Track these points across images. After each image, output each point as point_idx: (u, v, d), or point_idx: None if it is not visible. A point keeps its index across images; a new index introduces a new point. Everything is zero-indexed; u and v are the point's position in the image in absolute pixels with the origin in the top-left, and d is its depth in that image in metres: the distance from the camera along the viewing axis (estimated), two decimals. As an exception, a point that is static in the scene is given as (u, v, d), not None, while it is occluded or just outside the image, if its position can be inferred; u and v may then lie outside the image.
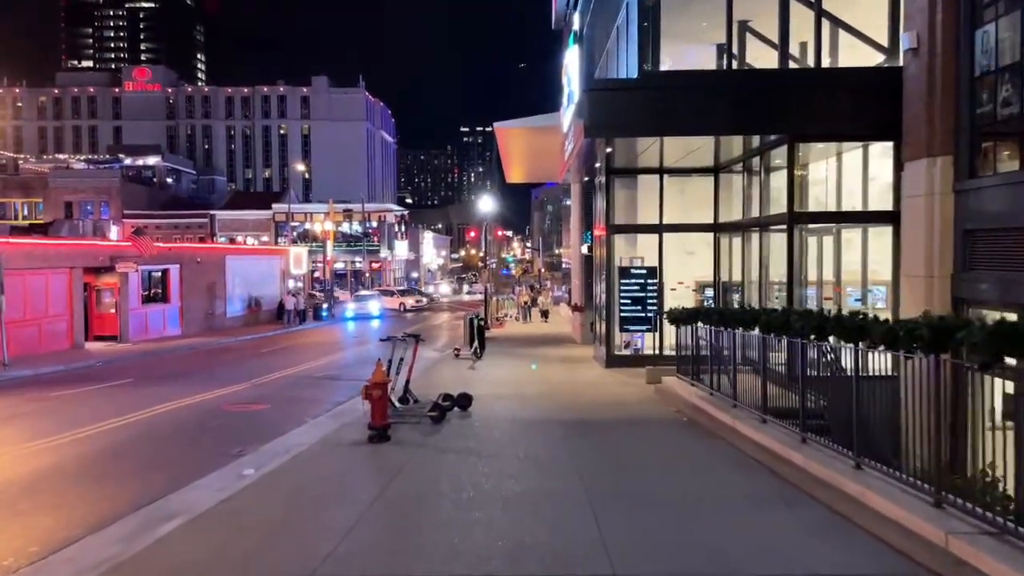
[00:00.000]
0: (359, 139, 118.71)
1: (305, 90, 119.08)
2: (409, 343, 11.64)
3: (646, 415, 11.39)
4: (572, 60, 18.91)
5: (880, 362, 6.48)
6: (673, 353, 15.97)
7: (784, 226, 13.66)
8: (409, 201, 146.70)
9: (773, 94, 13.11)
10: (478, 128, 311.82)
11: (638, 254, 19.23)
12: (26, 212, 72.00)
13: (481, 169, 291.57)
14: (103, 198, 75.45)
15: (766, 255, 14.88)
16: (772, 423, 8.59)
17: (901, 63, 11.32)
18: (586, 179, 20.97)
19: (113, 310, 28.58)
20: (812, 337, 7.35)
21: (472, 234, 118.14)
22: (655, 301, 18.06)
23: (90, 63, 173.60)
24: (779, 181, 14.55)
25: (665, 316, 13.31)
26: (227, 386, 16.12)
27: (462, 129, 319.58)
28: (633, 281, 18.14)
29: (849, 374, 6.83)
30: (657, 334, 17.82)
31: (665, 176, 18.09)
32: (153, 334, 30.15)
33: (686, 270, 18.78)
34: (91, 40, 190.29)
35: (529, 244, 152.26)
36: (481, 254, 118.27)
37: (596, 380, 15.86)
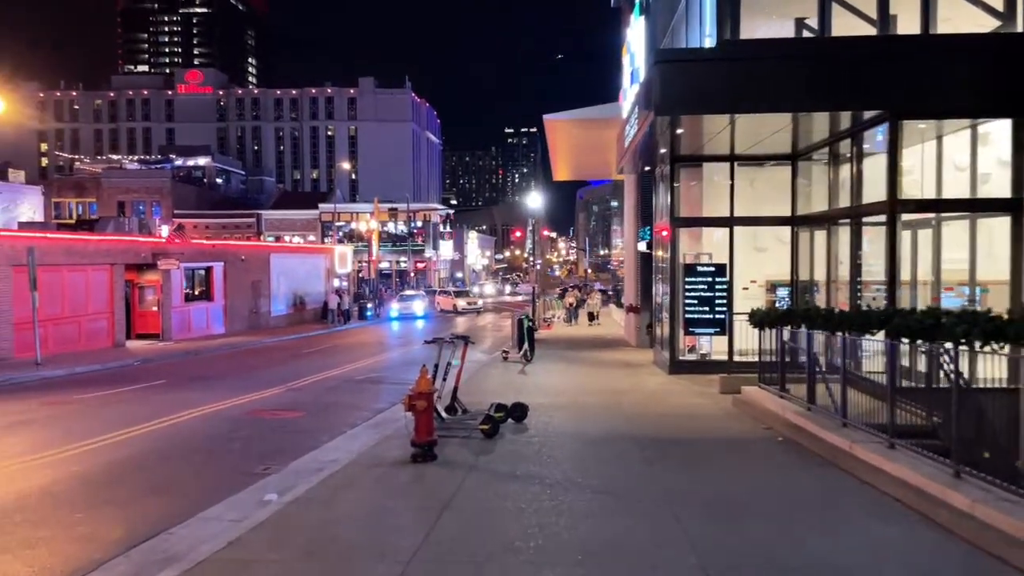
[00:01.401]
0: (405, 140, 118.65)
1: (352, 91, 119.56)
2: (458, 345, 10.31)
3: (732, 433, 9.84)
4: (637, 34, 17.25)
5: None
6: (745, 359, 14.41)
7: (882, 217, 11.96)
8: (454, 202, 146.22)
9: (873, 65, 11.41)
10: (523, 129, 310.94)
11: (704, 250, 17.65)
12: (80, 212, 73.20)
13: (525, 170, 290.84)
14: (154, 198, 76.42)
15: (857, 250, 13.15)
16: (903, 448, 7.00)
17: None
18: (647, 169, 19.40)
19: (155, 308, 28.01)
20: (979, 345, 5.76)
21: (517, 234, 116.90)
22: (724, 301, 16.45)
23: (145, 68, 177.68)
24: (875, 166, 12.83)
25: (748, 318, 11.72)
26: (263, 389, 15.05)
27: (507, 130, 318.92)
28: (700, 280, 16.56)
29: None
30: (726, 337, 16.22)
31: (736, 164, 16.46)
32: (196, 333, 29.55)
33: (755, 268, 17.08)
34: (146, 45, 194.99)
35: (574, 244, 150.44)
36: (526, 254, 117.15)
37: (662, 388, 14.33)
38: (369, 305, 44.88)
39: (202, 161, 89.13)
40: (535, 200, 37.24)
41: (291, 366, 20.17)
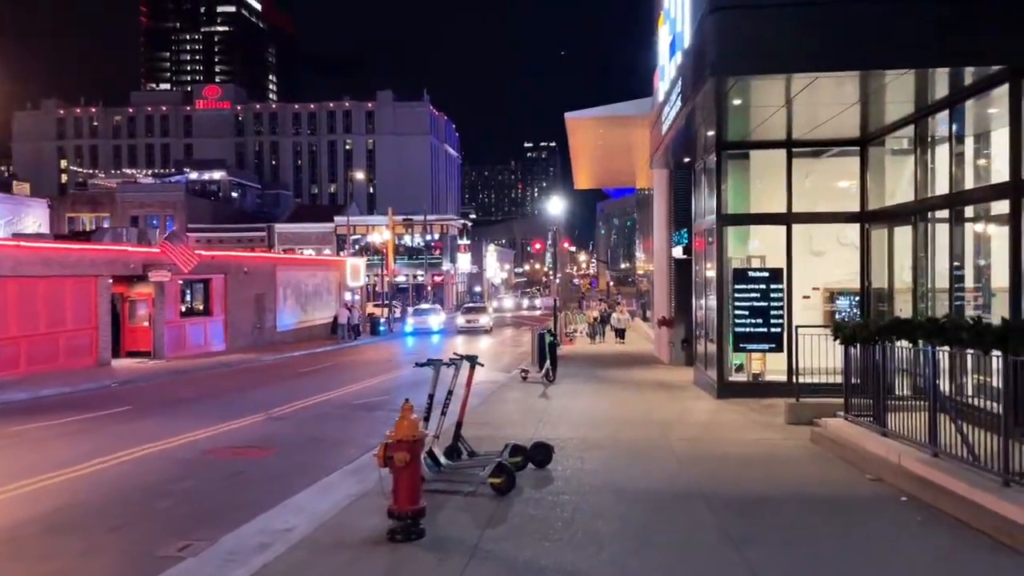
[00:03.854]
0: (423, 153, 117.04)
1: (370, 105, 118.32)
2: (461, 367, 7.92)
3: (832, 487, 7.30)
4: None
5: None
6: (810, 380, 11.83)
7: (1002, 204, 9.45)
8: (473, 216, 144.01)
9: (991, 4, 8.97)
10: (542, 143, 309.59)
11: (754, 253, 15.19)
12: (93, 226, 72.09)
13: (545, 184, 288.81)
14: (168, 212, 75.17)
15: (958, 249, 10.60)
16: None
17: None
18: (685, 160, 16.96)
19: (147, 323, 25.97)
20: None
21: (537, 246, 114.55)
22: (780, 312, 13.96)
23: (167, 86, 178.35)
24: (988, 143, 10.35)
25: (832, 332, 9.24)
26: (240, 418, 12.75)
27: (526, 144, 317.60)
28: (752, 287, 14.10)
29: None
30: (785, 354, 13.70)
31: (795, 151, 14.01)
32: (192, 350, 27.42)
33: (812, 274, 14.56)
34: (168, 64, 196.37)
35: (595, 257, 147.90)
36: (546, 268, 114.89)
37: (715, 417, 11.82)
38: (382, 320, 42.70)
39: (217, 175, 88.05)
40: (556, 206, 34.82)
41: (284, 387, 17.92)
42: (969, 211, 10.47)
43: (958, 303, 10.46)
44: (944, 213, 10.82)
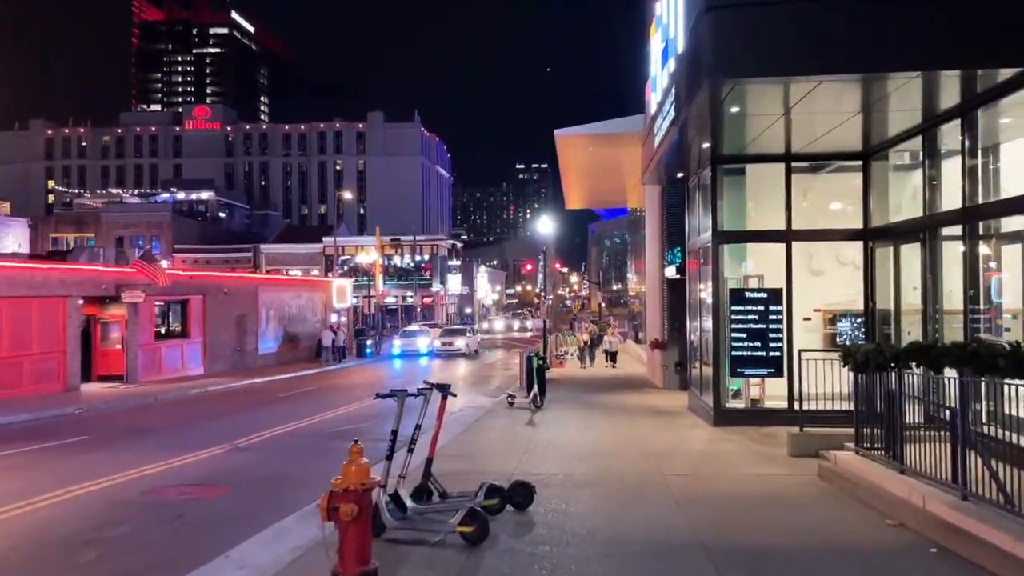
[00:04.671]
0: (414, 174, 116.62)
1: (361, 126, 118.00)
2: (431, 399, 7.06)
3: (849, 536, 6.44)
4: (672, -1, 13.85)
5: None
6: (813, 407, 11.00)
7: (1019, 218, 8.74)
8: (465, 237, 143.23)
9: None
10: (534, 165, 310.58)
11: (752, 273, 14.43)
12: (76, 246, 71.03)
13: (537, 206, 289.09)
14: (154, 232, 74.23)
15: (974, 267, 9.85)
16: None
17: None
18: (680, 175, 16.24)
19: (120, 346, 24.95)
20: None
21: (528, 267, 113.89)
22: (779, 335, 13.19)
23: (158, 107, 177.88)
24: (1003, 154, 9.65)
25: (842, 358, 8.43)
26: (200, 450, 11.80)
27: (518, 166, 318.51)
28: (750, 308, 13.33)
29: None
30: (785, 379, 12.91)
31: (794, 165, 13.32)
32: (168, 373, 26.39)
33: (811, 295, 13.80)
34: (160, 85, 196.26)
35: (587, 279, 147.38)
36: (538, 289, 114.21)
37: (713, 448, 10.96)
38: (369, 342, 41.67)
39: (205, 195, 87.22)
40: (546, 225, 34.09)
41: (256, 414, 16.95)
42: (989, 225, 9.73)
43: (974, 325, 9.69)
44: (956, 229, 10.09)
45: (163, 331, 27.66)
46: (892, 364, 7.42)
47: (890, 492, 7.12)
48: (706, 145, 12.63)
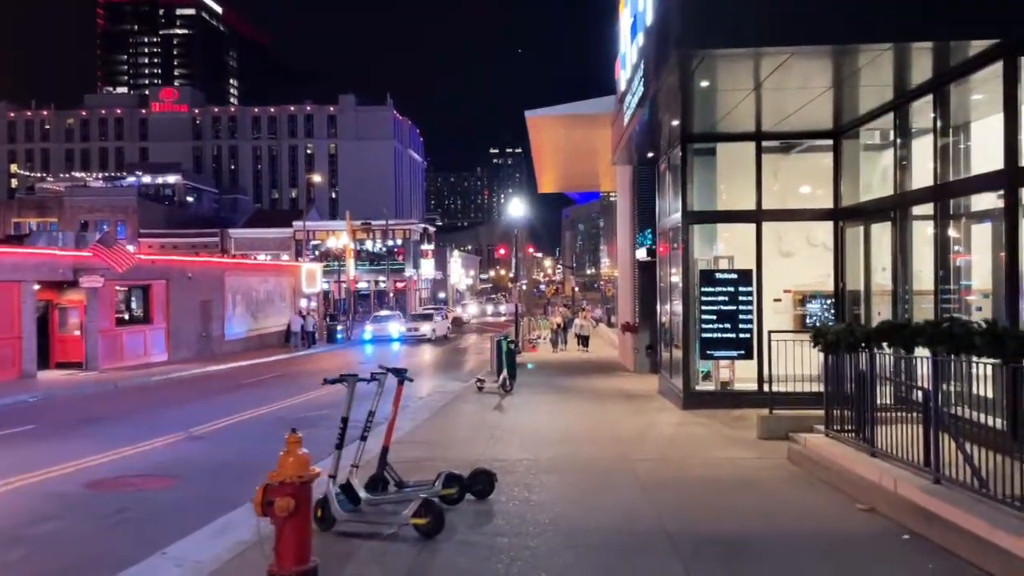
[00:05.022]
0: (387, 158, 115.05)
1: (332, 109, 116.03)
2: (384, 384, 6.71)
3: (819, 520, 6.24)
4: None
5: None
6: (783, 388, 10.86)
7: (991, 197, 8.59)
8: (439, 222, 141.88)
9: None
10: (508, 150, 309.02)
11: (722, 254, 14.25)
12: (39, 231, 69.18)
13: (511, 190, 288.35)
14: (119, 217, 72.49)
15: (944, 247, 9.70)
16: None
17: None
18: (650, 155, 15.96)
19: (78, 332, 24.20)
20: None
21: (501, 251, 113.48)
22: (750, 316, 13.03)
23: (124, 89, 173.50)
24: (974, 131, 9.48)
25: (812, 338, 8.23)
26: (153, 438, 11.34)
27: (492, 151, 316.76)
28: (720, 290, 13.14)
29: None
30: (755, 361, 12.76)
31: (764, 144, 13.10)
32: (130, 360, 25.68)
33: (781, 277, 13.67)
34: (126, 67, 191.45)
35: (561, 263, 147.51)
36: (511, 274, 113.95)
37: (682, 432, 10.76)
38: (340, 327, 41.09)
39: (171, 179, 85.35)
40: (517, 208, 33.72)
41: (218, 401, 16.48)
42: (960, 203, 9.58)
43: (944, 305, 9.55)
44: (928, 208, 9.92)
45: (126, 317, 26.93)
46: (863, 344, 7.22)
47: (861, 475, 6.94)
48: (676, 123, 12.35)
